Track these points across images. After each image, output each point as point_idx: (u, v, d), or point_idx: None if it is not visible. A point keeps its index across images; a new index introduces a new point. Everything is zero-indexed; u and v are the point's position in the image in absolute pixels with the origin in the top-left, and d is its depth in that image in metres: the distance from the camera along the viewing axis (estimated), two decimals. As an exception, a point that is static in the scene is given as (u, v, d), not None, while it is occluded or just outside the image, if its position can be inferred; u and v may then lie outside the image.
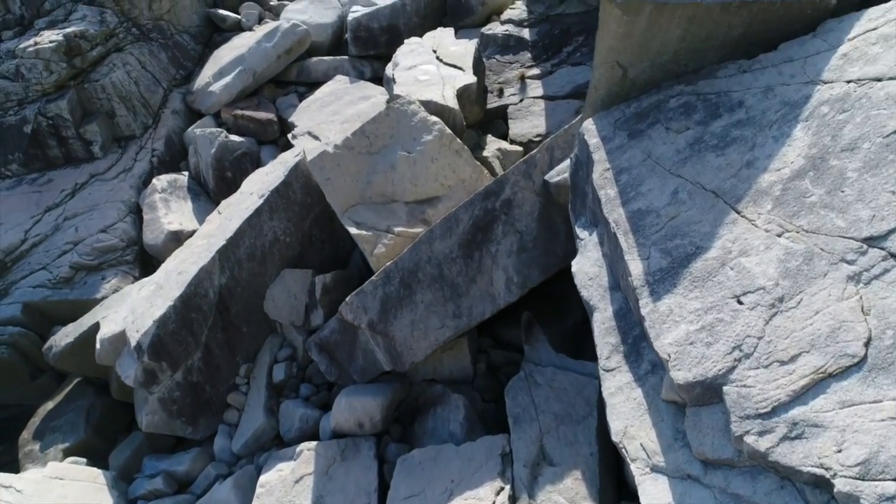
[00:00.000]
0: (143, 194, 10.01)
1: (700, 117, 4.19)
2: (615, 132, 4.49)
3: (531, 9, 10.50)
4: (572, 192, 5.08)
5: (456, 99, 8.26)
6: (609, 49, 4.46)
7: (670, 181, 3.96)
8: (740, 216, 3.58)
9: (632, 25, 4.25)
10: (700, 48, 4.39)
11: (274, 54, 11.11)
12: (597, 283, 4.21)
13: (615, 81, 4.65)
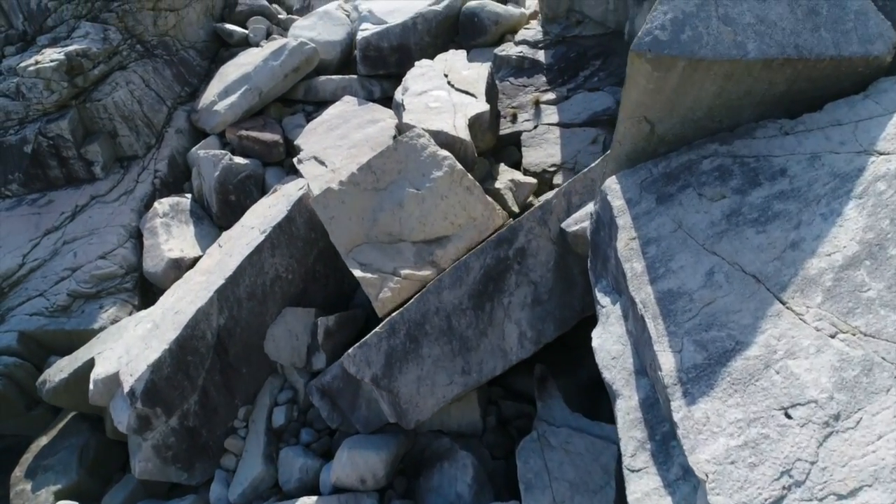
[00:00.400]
0: (144, 218, 9.70)
1: (737, 184, 3.79)
2: (642, 194, 4.10)
3: (546, 30, 10.10)
4: (592, 252, 4.69)
5: (468, 129, 7.88)
6: (636, 104, 4.06)
7: (704, 259, 3.57)
8: (786, 308, 3.18)
9: (662, 81, 3.85)
10: (737, 105, 3.99)
11: (281, 73, 10.76)
12: (620, 365, 3.81)
13: (642, 137, 4.25)
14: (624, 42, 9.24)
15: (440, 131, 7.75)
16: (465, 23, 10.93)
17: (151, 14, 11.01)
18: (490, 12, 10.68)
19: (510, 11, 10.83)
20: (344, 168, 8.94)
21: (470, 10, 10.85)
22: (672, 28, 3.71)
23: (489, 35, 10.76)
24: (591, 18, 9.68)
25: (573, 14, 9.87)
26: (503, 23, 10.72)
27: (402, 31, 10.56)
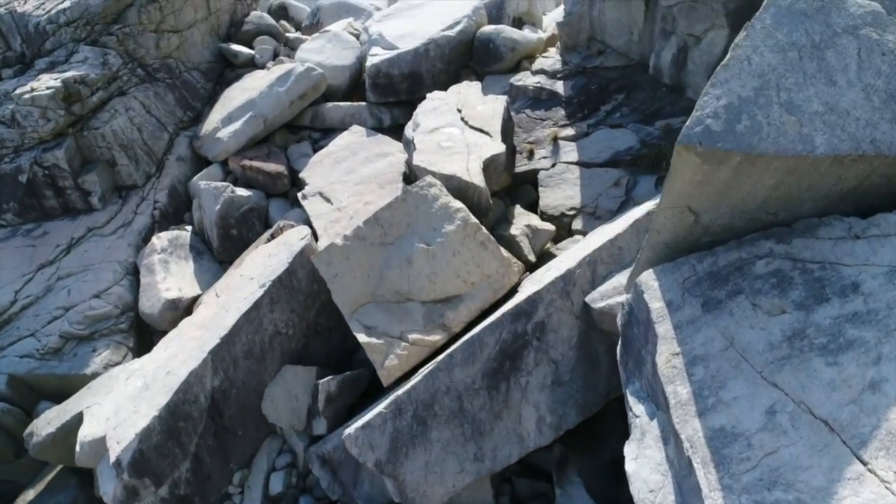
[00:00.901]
0: (141, 254, 9.23)
1: (800, 297, 3.25)
2: (684, 297, 3.57)
3: (565, 59, 9.55)
4: (623, 346, 4.16)
5: (482, 172, 7.35)
6: (680, 194, 3.53)
7: (763, 391, 3.03)
8: (868, 471, 2.65)
9: (713, 174, 3.32)
10: (797, 198, 3.45)
11: (287, 100, 10.28)
12: (660, 501, 3.29)
13: (684, 227, 3.72)
14: (648, 75, 8.68)
15: (452, 175, 7.23)
16: (480, 49, 10.40)
17: (154, 36, 10.56)
18: (506, 38, 10.15)
19: (527, 37, 10.29)
20: (350, 206, 8.46)
21: (485, 35, 10.32)
22: (726, 116, 3.18)
23: (505, 62, 10.23)
24: (612, 48, 9.12)
25: (594, 43, 9.32)
26: (520, 50, 10.18)
27: (413, 57, 10.04)
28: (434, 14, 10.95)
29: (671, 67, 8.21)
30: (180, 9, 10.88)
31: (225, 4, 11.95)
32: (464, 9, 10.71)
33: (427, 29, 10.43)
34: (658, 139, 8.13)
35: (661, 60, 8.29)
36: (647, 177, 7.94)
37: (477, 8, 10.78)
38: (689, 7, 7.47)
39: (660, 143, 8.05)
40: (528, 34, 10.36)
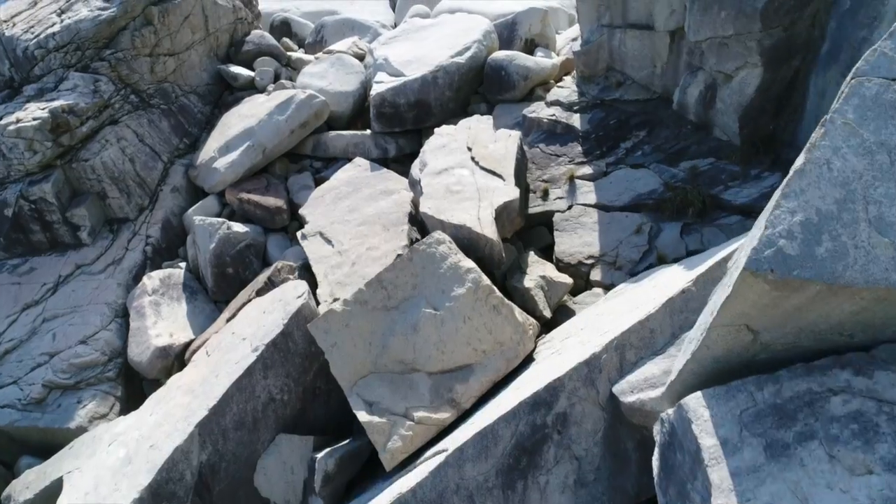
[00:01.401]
0: (131, 294, 8.70)
1: (889, 453, 2.68)
2: (742, 434, 3.00)
3: (582, 90, 8.96)
4: (662, 466, 3.59)
5: (494, 222, 6.78)
6: (739, 315, 2.96)
7: (850, 581, 2.46)
8: None
9: (783, 300, 2.75)
10: (880, 323, 2.88)
11: (287, 129, 9.73)
12: None
13: (739, 344, 3.15)
14: (672, 111, 8.09)
15: (462, 226, 6.67)
16: (492, 76, 9.82)
17: (148, 60, 10.02)
18: (519, 66, 9.57)
19: (541, 64, 9.70)
20: (352, 250, 7.90)
21: (497, 62, 9.75)
22: (803, 237, 2.60)
23: (517, 91, 9.65)
24: (633, 80, 8.53)
25: (613, 74, 8.73)
26: (533, 78, 9.60)
27: (420, 85, 9.47)
28: (443, 37, 10.38)
29: (697, 104, 7.62)
30: (177, 31, 10.35)
31: (224, 24, 11.41)
32: (474, 32, 10.14)
33: (435, 54, 9.86)
34: (683, 182, 7.54)
35: (687, 96, 7.70)
36: (672, 224, 7.35)
37: (488, 32, 10.21)
38: (720, 44, 6.88)
39: (685, 186, 7.46)
40: (541, 61, 9.78)
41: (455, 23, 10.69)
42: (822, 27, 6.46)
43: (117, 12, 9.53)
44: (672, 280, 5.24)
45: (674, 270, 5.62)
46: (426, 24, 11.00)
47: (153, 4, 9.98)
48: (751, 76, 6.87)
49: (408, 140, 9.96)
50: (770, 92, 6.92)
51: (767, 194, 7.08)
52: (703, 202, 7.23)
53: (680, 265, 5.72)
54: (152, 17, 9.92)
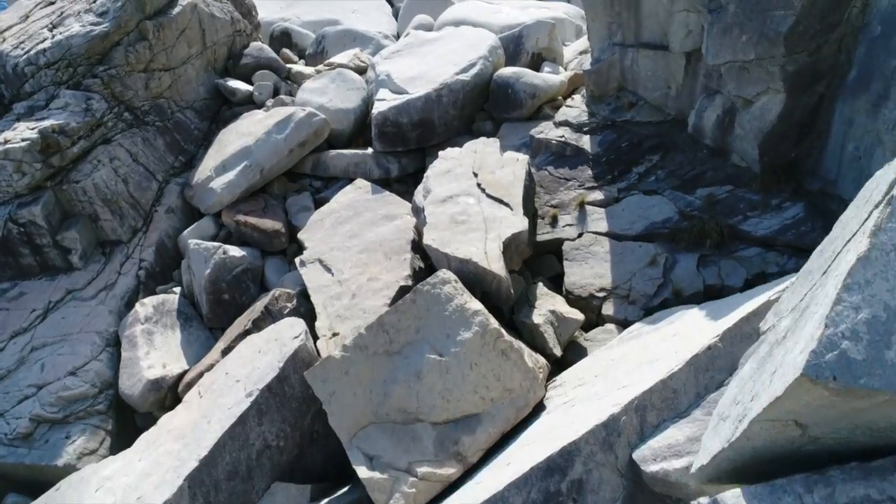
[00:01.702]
0: (123, 322, 8.35)
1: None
2: (790, 546, 2.65)
3: (592, 109, 8.60)
4: (692, 560, 3.23)
5: (502, 255, 6.43)
6: (787, 411, 2.61)
7: None
8: None
9: (843, 404, 2.40)
10: (950, 424, 2.53)
11: (285, 148, 9.39)
12: None
13: (785, 438, 2.80)
14: (687, 134, 7.73)
15: (468, 260, 6.32)
16: (498, 93, 9.46)
17: (143, 77, 9.67)
18: (526, 84, 9.20)
19: (549, 82, 9.34)
20: (352, 280, 7.55)
21: (503, 79, 9.39)
22: (870, 338, 2.25)
23: (525, 109, 9.29)
24: (646, 101, 8.17)
25: (625, 94, 8.37)
26: (541, 96, 9.24)
27: (424, 104, 9.11)
28: (447, 52, 10.02)
29: (714, 129, 7.26)
30: (172, 45, 10.00)
31: (222, 37, 11.06)
32: (479, 48, 9.78)
33: (439, 71, 9.50)
34: (699, 211, 7.18)
35: (704, 120, 7.34)
36: (688, 255, 7.00)
37: (493, 47, 9.85)
38: (741, 68, 6.52)
39: (702, 216, 7.10)
40: (549, 78, 9.42)
41: (460, 37, 10.33)
42: (849, 53, 6.10)
43: (110, 27, 9.19)
44: (694, 329, 4.88)
45: (695, 317, 5.26)
46: (430, 37, 10.65)
47: (148, 19, 9.63)
48: (772, 102, 6.51)
49: (411, 159, 9.61)
50: (792, 118, 6.56)
51: (789, 226, 6.73)
52: (720, 233, 6.87)
53: (701, 310, 5.36)
54: (147, 32, 9.58)
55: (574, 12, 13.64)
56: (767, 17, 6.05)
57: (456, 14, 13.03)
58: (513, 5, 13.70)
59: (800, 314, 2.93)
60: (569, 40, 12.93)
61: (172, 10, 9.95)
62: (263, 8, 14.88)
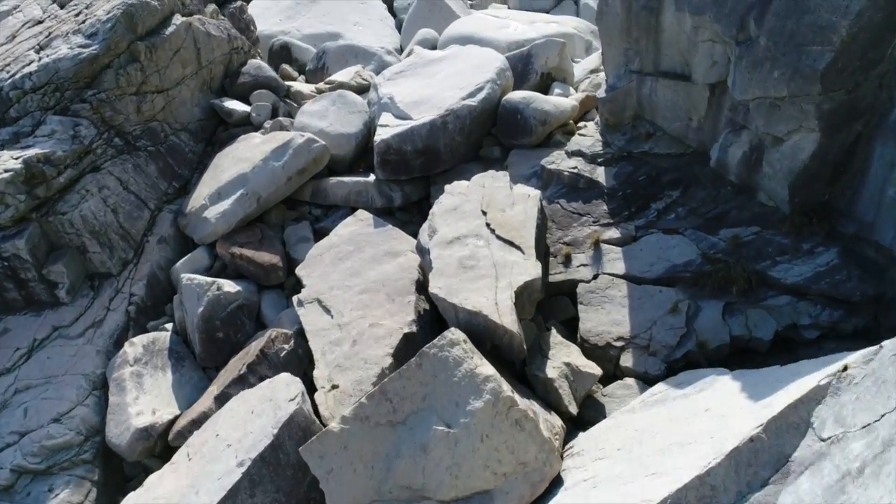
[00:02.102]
0: (111, 364, 7.88)
1: None
2: None
3: (607, 139, 8.12)
4: None
5: (514, 307, 5.95)
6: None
7: None
8: None
9: None
10: None
11: (283, 176, 8.92)
12: None
13: None
14: (709, 168, 7.24)
15: (478, 312, 5.84)
16: (507, 119, 8.98)
17: (134, 100, 9.20)
18: (536, 110, 8.72)
19: (560, 107, 8.85)
20: (353, 324, 7.08)
21: (512, 105, 8.90)
22: None
23: (535, 136, 8.81)
24: (664, 132, 7.69)
25: (641, 123, 7.88)
26: (552, 122, 8.76)
27: (429, 131, 8.63)
28: (453, 74, 9.54)
29: (740, 166, 6.77)
30: (166, 66, 9.53)
31: (218, 56, 10.59)
32: (487, 71, 9.30)
33: (445, 95, 9.02)
34: (724, 253, 6.69)
35: (728, 156, 6.85)
36: (712, 302, 6.51)
37: (502, 70, 9.36)
38: (771, 104, 6.03)
39: (727, 259, 6.62)
40: (561, 102, 8.93)
41: (466, 58, 9.85)
42: (890, 90, 5.61)
43: (100, 50, 8.72)
44: (730, 408, 4.40)
45: (729, 389, 4.77)
46: (434, 57, 10.17)
47: (139, 40, 9.16)
48: (805, 141, 6.03)
49: (414, 187, 9.14)
50: (826, 158, 6.07)
51: (822, 273, 6.24)
52: (748, 279, 6.39)
53: (735, 381, 4.87)
54: (139, 54, 9.11)
55: (584, 27, 13.16)
56: (802, 52, 5.57)
57: (461, 29, 12.56)
58: (520, 19, 13.23)
59: (881, 447, 2.46)
60: (578, 56, 12.46)
61: (166, 30, 9.47)
62: (263, 20, 14.43)
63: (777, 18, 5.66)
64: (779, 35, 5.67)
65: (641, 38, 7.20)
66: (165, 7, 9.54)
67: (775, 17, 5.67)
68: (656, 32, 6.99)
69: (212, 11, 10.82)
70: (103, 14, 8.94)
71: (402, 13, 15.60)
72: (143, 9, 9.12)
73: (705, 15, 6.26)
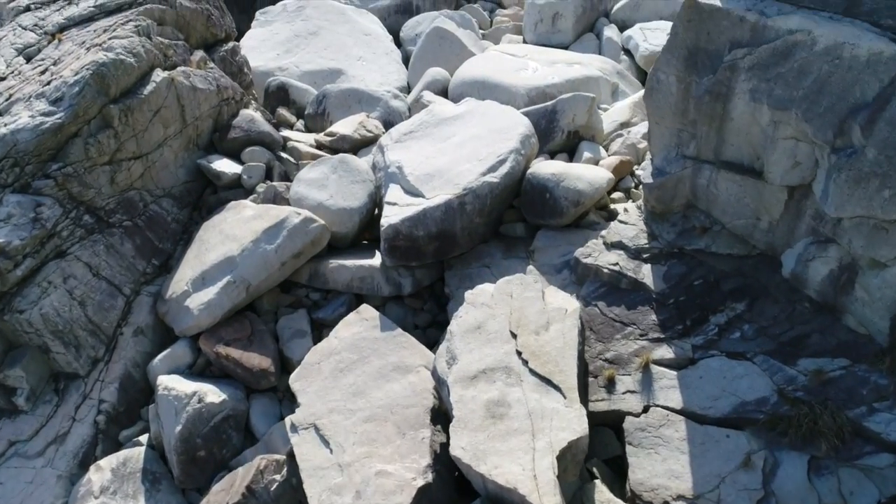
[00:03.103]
0: (74, 493, 6.74)
1: None
2: None
3: (653, 230, 6.92)
4: None
5: (556, 481, 4.76)
6: None
7: None
8: None
9: None
10: None
11: (276, 262, 7.72)
12: None
13: None
14: (780, 277, 6.04)
15: (513, 490, 4.66)
16: (533, 195, 7.77)
17: (108, 170, 8.00)
18: (569, 190, 7.50)
19: (595, 184, 7.62)
20: (355, 465, 5.88)
21: (540, 181, 7.69)
22: None
23: (566, 217, 7.61)
24: (723, 227, 6.49)
25: (695, 215, 6.67)
26: (586, 203, 7.56)
27: (444, 214, 7.44)
28: (470, 139, 8.32)
29: (824, 284, 5.57)
30: (144, 129, 8.34)
31: (206, 110, 9.39)
32: (509, 137, 8.08)
33: (462, 168, 7.80)
34: (806, 392, 5.49)
35: (809, 271, 5.65)
36: (794, 456, 5.30)
37: (526, 136, 8.14)
38: (876, 227, 4.84)
39: (810, 401, 5.42)
40: (595, 178, 7.69)
41: (484, 117, 8.63)
42: None
43: (65, 118, 7.52)
44: None
45: None
46: (448, 115, 8.95)
47: (113, 102, 7.96)
48: (917, 270, 4.83)
49: (427, 270, 7.96)
50: (942, 290, 4.89)
51: (934, 430, 5.05)
52: (839, 431, 5.20)
53: None
54: (112, 119, 7.92)
55: (609, 67, 11.93)
56: (926, 171, 4.37)
57: (475, 72, 11.35)
58: (539, 58, 12.01)
59: None
60: (605, 102, 11.25)
61: (143, 90, 8.27)
62: (258, 53, 13.22)
63: (892, 128, 4.46)
64: (894, 149, 4.47)
65: (701, 123, 5.99)
66: (144, 63, 8.34)
67: (890, 126, 4.46)
68: (721, 120, 5.79)
69: (199, 59, 9.62)
70: (70, 75, 7.75)
71: (409, 44, 14.38)
72: (117, 68, 7.93)
73: (790, 111, 5.05)
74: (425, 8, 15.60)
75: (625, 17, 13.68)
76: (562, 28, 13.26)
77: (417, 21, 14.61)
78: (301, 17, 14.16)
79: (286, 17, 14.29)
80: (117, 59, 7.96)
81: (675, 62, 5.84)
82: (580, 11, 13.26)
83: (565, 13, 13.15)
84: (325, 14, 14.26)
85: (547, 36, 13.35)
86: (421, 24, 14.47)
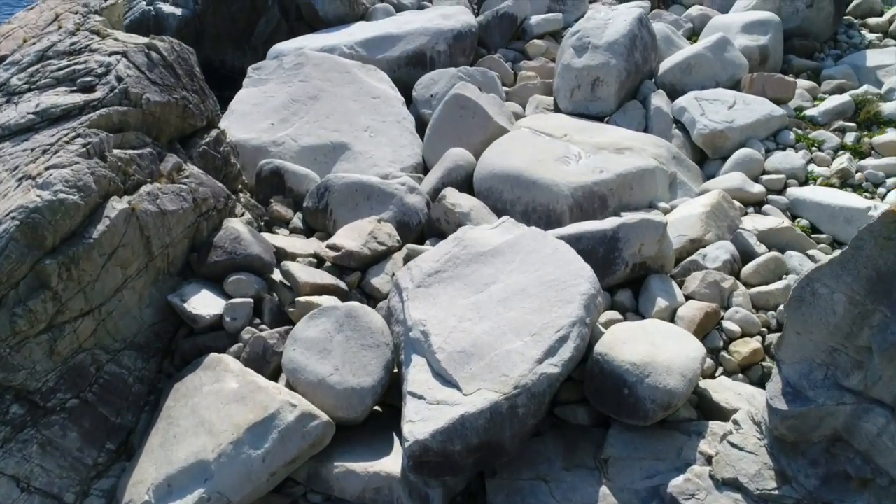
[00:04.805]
0: None
1: None
2: None
3: (782, 465, 4.96)
4: None
5: None
6: None
7: None
8: None
9: None
10: None
11: (264, 473, 5.76)
12: None
13: None
14: None
15: None
16: (604, 384, 5.81)
17: (45, 339, 6.04)
18: (656, 390, 5.50)
19: (688, 372, 5.63)
20: None
21: (616, 372, 5.68)
22: None
23: (649, 419, 5.66)
24: (891, 480, 4.55)
25: (846, 455, 4.71)
26: (677, 404, 5.61)
27: (489, 422, 5.44)
28: (514, 293, 6.34)
29: None
30: (94, 279, 6.39)
31: (180, 231, 7.41)
32: (568, 299, 6.05)
33: (509, 347, 5.81)
34: None
35: None
36: None
37: (591, 297, 6.13)
38: None
39: None
40: (689, 364, 5.69)
41: (532, 259, 6.65)
42: None
43: (-21, 288, 5.59)
44: None
45: None
46: (484, 247, 6.94)
47: (50, 255, 6.01)
48: None
49: (460, 480, 6.01)
50: None
51: None
52: None
53: None
54: (48, 278, 5.96)
55: (664, 153, 9.97)
56: None
57: (506, 162, 9.39)
58: (580, 139, 10.05)
59: None
60: (661, 199, 9.31)
61: (93, 231, 6.30)
62: (250, 122, 11.22)
63: None
64: None
65: (886, 367, 4.04)
66: (94, 196, 6.37)
67: None
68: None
69: (171, 169, 7.65)
70: (-10, 226, 5.80)
71: (422, 106, 12.36)
72: (54, 212, 5.96)
73: None
74: (440, 60, 13.49)
75: (674, 81, 11.68)
76: (602, 96, 11.26)
77: (432, 79, 12.53)
78: (299, 77, 12.15)
79: (282, 75, 12.28)
80: (55, 200, 5.99)
81: (852, 281, 3.91)
82: (623, 76, 11.26)
83: (607, 79, 11.16)
84: (326, 73, 12.24)
85: (585, 104, 11.36)
86: (437, 82, 12.41)
